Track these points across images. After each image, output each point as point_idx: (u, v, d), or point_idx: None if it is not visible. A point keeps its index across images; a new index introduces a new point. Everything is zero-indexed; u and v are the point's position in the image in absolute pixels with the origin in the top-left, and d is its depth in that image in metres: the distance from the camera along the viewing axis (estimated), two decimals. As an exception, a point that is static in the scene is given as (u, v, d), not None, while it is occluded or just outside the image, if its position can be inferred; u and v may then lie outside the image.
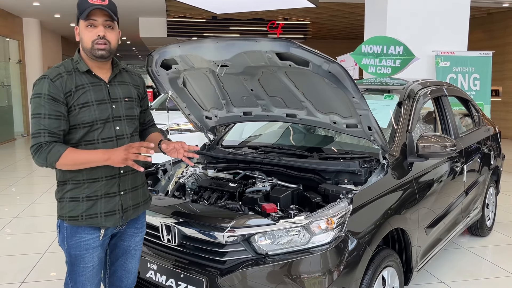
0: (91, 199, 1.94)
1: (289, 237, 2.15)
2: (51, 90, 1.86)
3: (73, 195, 1.94)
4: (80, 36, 1.92)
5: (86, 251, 1.97)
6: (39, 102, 1.85)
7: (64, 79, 1.90)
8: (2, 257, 3.97)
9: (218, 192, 2.76)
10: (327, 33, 16.70)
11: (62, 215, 1.96)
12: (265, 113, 3.03)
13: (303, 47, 2.20)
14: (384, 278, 2.48)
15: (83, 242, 1.96)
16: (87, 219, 1.94)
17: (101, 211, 1.96)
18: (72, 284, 2.02)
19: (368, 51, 4.46)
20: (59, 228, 2.00)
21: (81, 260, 1.97)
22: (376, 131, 2.51)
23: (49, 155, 1.82)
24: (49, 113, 1.85)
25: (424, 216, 2.89)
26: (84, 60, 1.96)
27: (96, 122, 1.93)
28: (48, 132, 1.84)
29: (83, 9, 1.87)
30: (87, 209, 1.93)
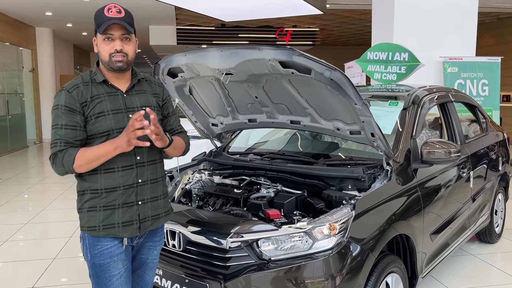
0: (109, 209, 1.93)
1: (292, 242, 2.17)
2: (68, 101, 1.90)
3: (91, 205, 1.94)
4: (98, 49, 1.95)
5: (110, 259, 1.95)
6: (57, 113, 1.90)
7: (80, 89, 1.93)
8: (14, 262, 4.05)
9: (223, 198, 2.79)
10: (336, 40, 16.72)
11: (83, 226, 1.96)
12: (270, 120, 3.06)
13: (305, 55, 2.24)
14: (388, 284, 2.49)
15: (106, 250, 1.94)
16: (104, 229, 1.93)
17: (119, 221, 1.94)
18: None
19: (373, 57, 4.48)
20: (82, 240, 2.00)
21: (107, 269, 1.95)
22: (379, 137, 2.53)
23: (65, 160, 1.86)
24: (65, 124, 1.89)
25: (429, 222, 2.89)
26: (101, 71, 1.99)
27: (113, 131, 1.92)
28: (64, 142, 1.88)
29: (100, 23, 1.90)
30: (104, 219, 1.92)
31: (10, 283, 3.63)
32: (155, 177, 2.05)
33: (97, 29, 1.92)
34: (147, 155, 2.01)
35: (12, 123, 11.69)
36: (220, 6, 9.48)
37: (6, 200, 6.34)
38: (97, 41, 1.95)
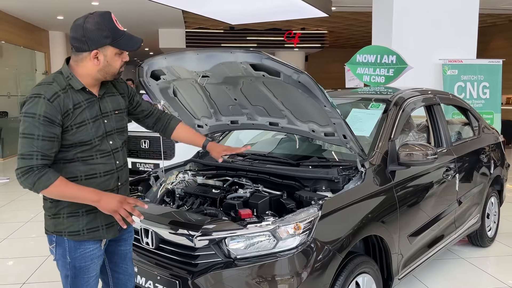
0: (92, 213, 1.94)
1: (257, 241, 2.21)
2: (48, 112, 1.77)
3: (71, 211, 1.91)
4: (107, 62, 1.88)
5: (91, 261, 1.98)
6: (33, 123, 1.76)
7: (61, 98, 1.82)
8: (8, 259, 4.17)
9: (201, 198, 2.85)
10: (346, 42, 16.68)
11: (60, 231, 1.93)
12: (250, 121, 3.11)
13: (273, 59, 2.29)
14: (359, 284, 2.51)
15: (88, 253, 1.96)
16: (89, 233, 1.94)
17: (102, 223, 1.97)
18: None
19: (362, 60, 4.49)
20: (56, 243, 1.96)
21: (86, 271, 1.97)
22: (351, 139, 2.56)
23: (38, 181, 1.76)
24: (43, 135, 1.77)
25: (406, 224, 2.90)
26: (78, 76, 1.90)
27: (94, 140, 1.91)
28: (41, 154, 1.77)
29: (119, 38, 1.86)
30: (87, 222, 1.94)
31: (3, 279, 3.75)
32: (126, 179, 2.15)
33: (113, 44, 1.86)
34: (122, 158, 2.08)
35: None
36: (226, 9, 9.58)
37: (11, 199, 6.51)
38: (107, 55, 1.88)
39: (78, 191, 1.83)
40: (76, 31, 1.85)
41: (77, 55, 1.88)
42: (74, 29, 1.86)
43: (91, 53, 1.86)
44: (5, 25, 10.78)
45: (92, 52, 1.86)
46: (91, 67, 1.89)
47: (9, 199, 6.56)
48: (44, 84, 1.86)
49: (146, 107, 2.31)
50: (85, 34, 1.82)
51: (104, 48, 1.86)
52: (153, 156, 6.24)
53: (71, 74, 1.90)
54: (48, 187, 1.77)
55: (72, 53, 1.91)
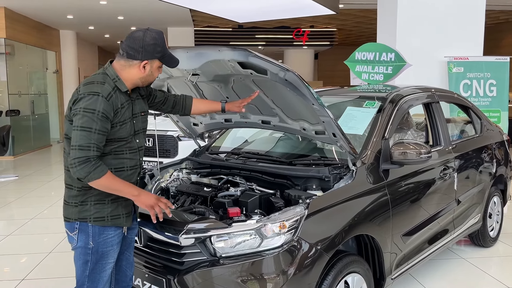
0: (115, 202, 2.14)
1: (242, 240, 2.21)
2: (105, 109, 2.00)
3: (98, 199, 2.10)
4: (150, 73, 2.13)
5: (112, 247, 2.16)
6: (92, 118, 1.97)
7: (113, 98, 2.06)
8: (10, 255, 4.24)
9: (193, 196, 2.86)
10: (356, 40, 16.54)
11: (85, 217, 2.10)
12: (243, 119, 3.11)
13: (259, 56, 2.28)
14: (348, 284, 2.49)
15: (110, 239, 2.14)
16: (112, 220, 2.13)
17: (123, 212, 2.18)
18: (89, 284, 2.15)
19: (361, 58, 4.44)
20: (79, 230, 2.11)
21: (106, 256, 2.15)
22: (340, 137, 2.54)
23: (94, 172, 1.95)
24: (99, 129, 1.99)
25: (399, 224, 2.86)
26: (123, 80, 2.12)
27: (128, 137, 2.14)
28: (97, 147, 1.98)
29: (166, 55, 2.13)
30: (111, 210, 2.13)
31: (2, 275, 3.81)
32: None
33: (161, 59, 2.13)
34: (142, 156, 2.31)
35: (37, 123, 12.13)
36: (234, 8, 9.58)
37: (18, 196, 6.62)
38: (153, 67, 2.13)
39: (122, 185, 2.07)
40: (134, 42, 2.07)
41: (127, 61, 2.11)
42: (132, 39, 2.08)
43: (142, 63, 2.10)
44: (16, 24, 10.94)
45: (143, 62, 2.10)
46: (136, 74, 2.13)
47: (17, 196, 6.67)
48: (98, 84, 2.06)
49: (160, 96, 2.51)
50: (143, 46, 2.07)
51: (152, 61, 2.12)
52: (156, 154, 6.27)
53: (117, 77, 2.12)
54: (101, 178, 1.97)
55: (120, 57, 2.13)
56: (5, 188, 7.30)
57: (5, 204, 6.20)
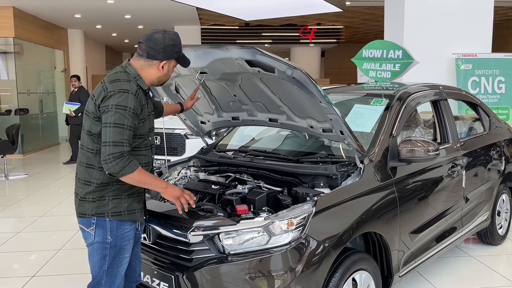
0: (131, 197, 2.22)
1: (250, 237, 2.22)
2: (135, 105, 2.08)
3: (116, 194, 2.17)
4: (167, 72, 2.24)
5: (128, 241, 2.23)
6: (124, 114, 2.04)
7: (139, 95, 2.14)
8: (21, 252, 4.29)
9: (201, 194, 2.87)
10: (363, 37, 16.48)
11: (103, 212, 2.15)
12: (250, 117, 3.12)
13: (266, 54, 2.29)
14: (356, 281, 2.50)
15: (126, 233, 2.21)
16: (128, 215, 2.20)
17: (138, 207, 2.25)
18: (107, 279, 2.20)
19: (368, 55, 4.43)
20: (96, 226, 2.16)
21: (123, 251, 2.22)
22: (348, 135, 2.54)
23: (128, 166, 2.02)
24: (130, 125, 2.06)
25: (407, 221, 2.86)
26: (144, 79, 2.21)
27: (146, 134, 2.23)
28: (129, 143, 2.06)
29: (181, 55, 2.26)
30: (128, 205, 2.20)
31: (13, 271, 3.86)
32: None
33: (178, 59, 2.26)
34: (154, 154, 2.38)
35: (45, 121, 12.23)
36: (240, 6, 9.59)
37: (27, 194, 6.69)
38: (170, 66, 2.25)
39: (152, 179, 2.17)
40: (155, 43, 2.16)
41: (147, 61, 2.19)
42: (153, 40, 2.16)
43: (161, 63, 2.19)
44: (25, 24, 11.02)
45: (162, 62, 2.20)
46: (155, 73, 2.22)
47: (26, 193, 6.74)
48: (124, 82, 2.12)
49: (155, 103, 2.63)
50: (164, 47, 2.16)
51: (170, 61, 2.23)
52: (164, 152, 6.31)
53: (138, 76, 2.19)
54: (134, 172, 2.04)
55: (139, 57, 2.20)
56: (15, 186, 7.38)
57: (15, 201, 6.27)
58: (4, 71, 11.05)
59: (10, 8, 10.32)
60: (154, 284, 2.43)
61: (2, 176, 7.89)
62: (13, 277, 3.73)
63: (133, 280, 2.42)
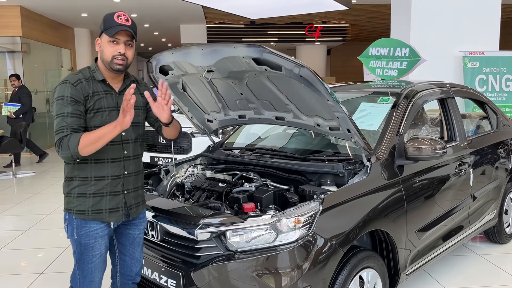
0: (97, 196, 2.15)
1: (257, 235, 2.23)
2: (73, 93, 2.07)
3: (80, 191, 2.14)
4: (101, 49, 2.13)
5: (95, 240, 2.17)
6: (62, 104, 2.05)
7: (83, 84, 2.12)
8: (29, 249, 4.33)
9: (208, 191, 2.89)
10: (369, 35, 16.43)
11: (70, 209, 2.16)
12: (257, 116, 3.13)
13: (273, 52, 2.29)
14: (363, 279, 2.50)
15: (92, 232, 2.16)
16: (93, 214, 2.15)
17: (106, 207, 2.17)
18: (80, 273, 2.20)
19: (375, 53, 4.42)
20: (67, 221, 2.20)
21: (90, 249, 2.17)
22: (355, 133, 2.54)
23: (70, 143, 2.00)
24: (71, 112, 2.05)
25: (414, 219, 2.86)
26: (100, 69, 2.18)
27: None
28: (71, 128, 2.04)
29: (109, 26, 2.10)
30: (93, 204, 2.14)
31: (22, 268, 3.89)
32: (138, 170, 2.31)
33: (105, 31, 2.11)
34: (133, 150, 2.25)
35: (52, 120, 12.28)
36: (246, 4, 9.59)
37: (35, 192, 6.74)
38: (102, 42, 2.14)
39: (99, 131, 2.05)
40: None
41: None
42: None
43: (96, 41, 2.17)
44: (32, 23, 11.09)
45: (96, 39, 2.18)
46: (98, 55, 2.18)
47: (34, 191, 6.79)
48: (71, 74, 2.18)
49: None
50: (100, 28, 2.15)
51: (101, 36, 2.14)
52: (171, 151, 6.34)
53: (96, 68, 2.19)
54: (80, 142, 2.00)
55: None
56: (23, 184, 7.44)
57: (23, 199, 6.32)
58: (12, 70, 11.12)
59: (17, 7, 10.39)
60: (162, 281, 2.45)
61: (10, 174, 7.96)
62: (22, 274, 3.76)
63: (130, 279, 2.41)
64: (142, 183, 2.37)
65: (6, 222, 5.38)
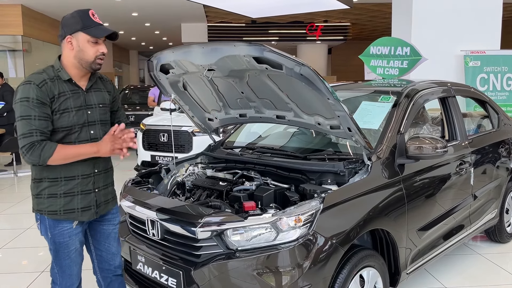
0: (69, 195, 2.15)
1: (258, 233, 2.23)
2: (39, 95, 2.02)
3: (51, 192, 2.13)
4: (80, 48, 2.07)
5: (69, 238, 2.20)
6: (28, 105, 2.00)
7: (48, 85, 2.06)
8: (30, 248, 4.33)
9: (209, 190, 2.89)
10: (370, 34, 16.42)
11: (41, 210, 2.16)
12: (258, 114, 3.13)
13: (274, 51, 2.29)
14: (363, 278, 2.50)
15: (66, 231, 2.19)
16: (65, 214, 2.16)
17: (78, 206, 2.18)
18: (58, 269, 2.24)
19: (376, 52, 4.42)
20: (40, 221, 2.21)
21: (65, 246, 2.20)
22: (356, 132, 2.54)
23: (43, 152, 1.99)
24: (39, 115, 2.01)
25: (415, 218, 2.86)
26: (66, 68, 2.12)
27: (74, 127, 2.13)
28: (40, 132, 2.01)
29: (89, 26, 2.07)
30: (65, 204, 2.15)
31: (23, 267, 3.90)
32: (107, 167, 2.34)
33: (84, 30, 2.06)
34: (103, 166, 2.29)
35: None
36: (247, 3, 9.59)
37: (36, 191, 6.74)
38: (79, 41, 2.07)
39: (79, 149, 2.09)
40: (60, 24, 2.12)
41: (61, 46, 2.13)
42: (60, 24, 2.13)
43: (66, 38, 2.08)
44: (33, 22, 11.10)
45: (67, 37, 2.08)
46: (68, 53, 2.10)
47: (34, 190, 6.79)
48: (34, 74, 2.11)
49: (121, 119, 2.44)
50: (63, 23, 2.10)
51: (76, 34, 2.07)
52: (172, 149, 6.34)
53: (60, 67, 2.13)
54: (53, 154, 2.00)
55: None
56: (24, 182, 7.45)
57: (23, 198, 6.33)
58: (13, 68, 11.16)
59: (18, 6, 10.40)
60: (162, 279, 2.45)
61: (11, 173, 7.97)
62: (22, 272, 3.77)
63: (110, 272, 2.44)
64: (112, 180, 2.38)
65: (7, 220, 5.39)
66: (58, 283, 2.27)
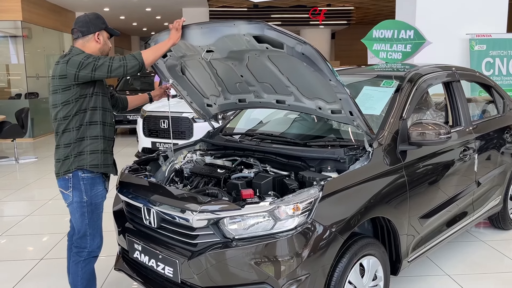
0: (105, 153, 2.59)
1: (255, 222, 2.18)
2: None
3: (92, 149, 2.53)
4: (104, 41, 2.65)
5: (102, 199, 2.63)
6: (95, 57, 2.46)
7: None
8: (30, 235, 4.32)
9: (206, 178, 2.84)
10: (374, 18, 16.18)
11: (83, 165, 2.50)
12: (257, 99, 3.06)
13: (275, 29, 2.22)
14: (364, 266, 2.46)
15: (100, 193, 2.60)
16: (103, 167, 2.57)
17: (111, 162, 2.64)
18: (91, 231, 2.58)
19: (379, 36, 4.30)
20: (74, 184, 2.51)
21: (99, 206, 2.62)
22: (358, 116, 2.47)
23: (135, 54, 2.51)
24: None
25: (417, 206, 2.80)
26: None
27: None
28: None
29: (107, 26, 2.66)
30: (103, 159, 2.57)
31: (22, 254, 3.89)
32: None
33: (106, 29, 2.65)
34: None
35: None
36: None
37: (38, 178, 6.73)
38: (104, 37, 2.65)
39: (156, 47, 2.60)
40: (83, 21, 2.59)
41: (84, 39, 2.59)
42: (80, 21, 2.60)
43: (95, 35, 2.59)
44: (32, 7, 10.98)
45: (96, 33, 2.60)
46: (94, 45, 2.62)
47: (36, 177, 6.79)
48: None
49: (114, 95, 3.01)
50: (90, 21, 2.60)
51: (102, 32, 2.63)
52: (173, 136, 6.29)
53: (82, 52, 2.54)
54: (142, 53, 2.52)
55: (77, 40, 2.60)
56: (25, 169, 7.44)
57: (25, 185, 6.32)
58: (14, 55, 11.07)
59: (17, -9, 10.29)
60: (159, 268, 2.42)
61: (13, 159, 7.96)
62: (22, 259, 3.76)
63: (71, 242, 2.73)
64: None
65: (9, 207, 5.39)
66: (87, 247, 2.59)
